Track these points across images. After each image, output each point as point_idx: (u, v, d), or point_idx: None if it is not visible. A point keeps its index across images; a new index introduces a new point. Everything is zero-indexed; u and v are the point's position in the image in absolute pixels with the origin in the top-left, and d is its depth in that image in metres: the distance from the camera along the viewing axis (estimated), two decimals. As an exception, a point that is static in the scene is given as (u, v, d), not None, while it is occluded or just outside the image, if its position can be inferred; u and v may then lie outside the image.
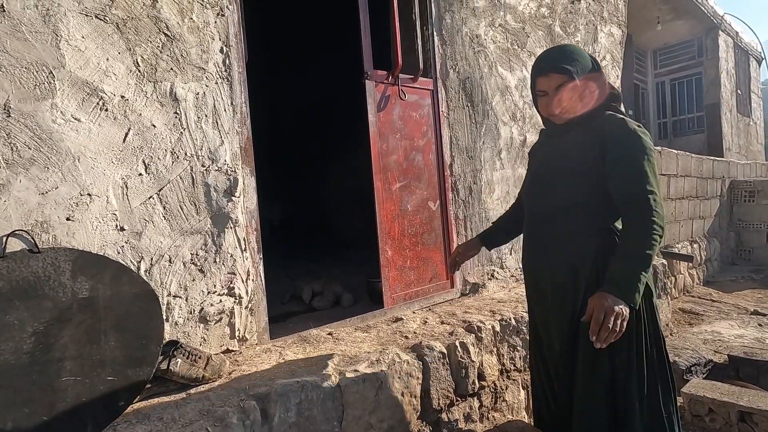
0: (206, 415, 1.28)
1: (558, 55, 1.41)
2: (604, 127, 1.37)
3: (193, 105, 1.70)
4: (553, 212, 1.45)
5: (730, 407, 2.23)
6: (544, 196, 1.48)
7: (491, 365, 2.03)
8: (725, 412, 2.24)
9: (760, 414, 2.13)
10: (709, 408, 2.30)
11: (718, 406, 2.27)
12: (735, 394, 2.29)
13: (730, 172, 6.51)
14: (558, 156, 1.47)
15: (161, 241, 1.60)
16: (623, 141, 1.33)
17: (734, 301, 4.64)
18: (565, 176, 1.42)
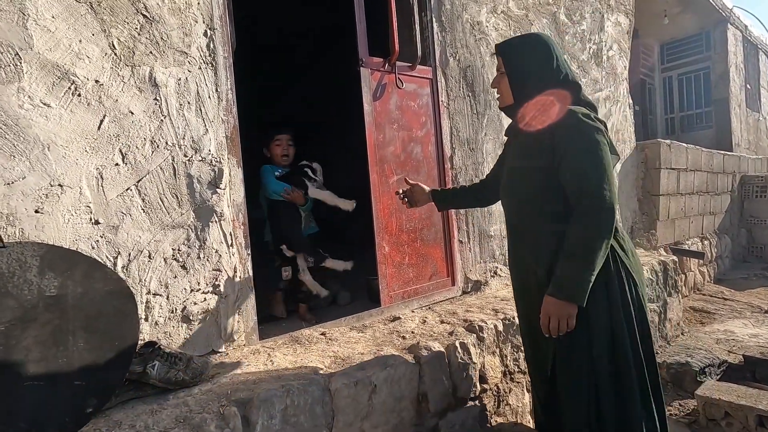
0: (182, 423, 1.18)
1: (510, 39, 1.49)
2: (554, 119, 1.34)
3: (174, 91, 1.60)
4: (517, 213, 1.50)
5: (748, 411, 2.10)
6: (512, 195, 1.51)
7: (494, 367, 1.91)
8: (743, 416, 2.12)
9: (781, 419, 2.01)
10: (725, 412, 2.18)
11: (735, 410, 2.14)
12: (753, 397, 2.16)
13: (741, 167, 6.35)
14: (517, 154, 1.50)
15: (140, 236, 1.51)
16: (569, 133, 1.31)
17: (747, 300, 4.49)
18: (522, 176, 1.44)
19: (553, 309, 1.28)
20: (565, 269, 1.28)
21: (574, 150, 1.30)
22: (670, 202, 4.49)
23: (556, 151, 1.32)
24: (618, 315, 1.33)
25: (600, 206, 1.25)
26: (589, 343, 1.32)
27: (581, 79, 3.47)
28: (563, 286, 1.27)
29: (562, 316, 1.27)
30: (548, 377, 1.44)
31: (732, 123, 8.01)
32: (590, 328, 1.32)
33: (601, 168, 1.27)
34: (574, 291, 1.26)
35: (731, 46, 8.09)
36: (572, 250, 1.27)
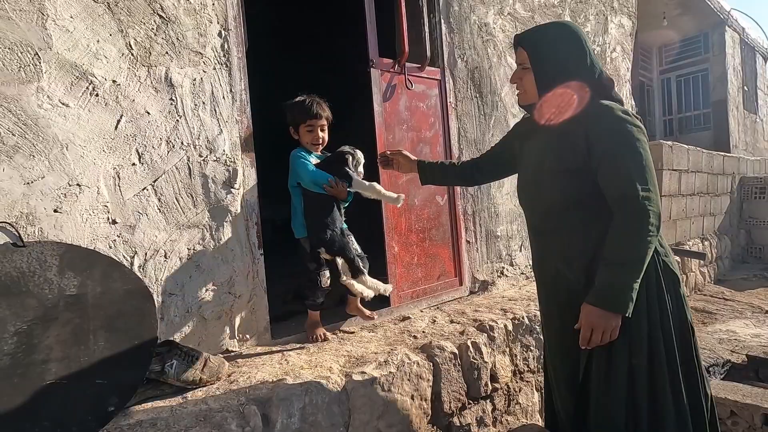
0: (203, 421, 1.18)
1: (534, 30, 1.33)
2: (588, 117, 1.23)
3: (189, 91, 1.60)
4: (544, 217, 1.37)
5: (753, 410, 2.12)
6: (539, 199, 1.38)
7: (504, 366, 1.93)
8: (748, 414, 2.14)
9: (787, 417, 2.03)
10: (731, 411, 2.20)
11: (741, 409, 2.16)
12: (759, 396, 2.18)
13: (740, 169, 6.39)
14: (543, 154, 1.34)
15: (156, 235, 1.51)
16: (608, 132, 1.20)
17: (748, 300, 4.53)
18: (555, 177, 1.30)
19: (597, 320, 1.18)
20: (609, 277, 1.18)
21: (616, 151, 1.19)
22: (671, 203, 4.52)
23: (593, 152, 1.21)
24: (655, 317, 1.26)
25: (646, 211, 1.16)
26: (629, 351, 1.25)
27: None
28: (608, 296, 1.17)
29: (607, 328, 1.17)
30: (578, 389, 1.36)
31: (730, 125, 8.07)
32: (630, 335, 1.23)
33: (645, 170, 1.18)
34: (621, 301, 1.16)
35: (729, 49, 8.14)
36: (617, 257, 1.18)
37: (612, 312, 1.17)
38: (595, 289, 1.20)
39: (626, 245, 1.18)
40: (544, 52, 1.27)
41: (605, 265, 1.19)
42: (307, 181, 1.82)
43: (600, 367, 1.30)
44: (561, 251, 1.34)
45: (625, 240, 1.18)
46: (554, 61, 1.27)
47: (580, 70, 1.25)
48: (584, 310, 1.21)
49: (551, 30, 1.32)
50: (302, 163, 1.83)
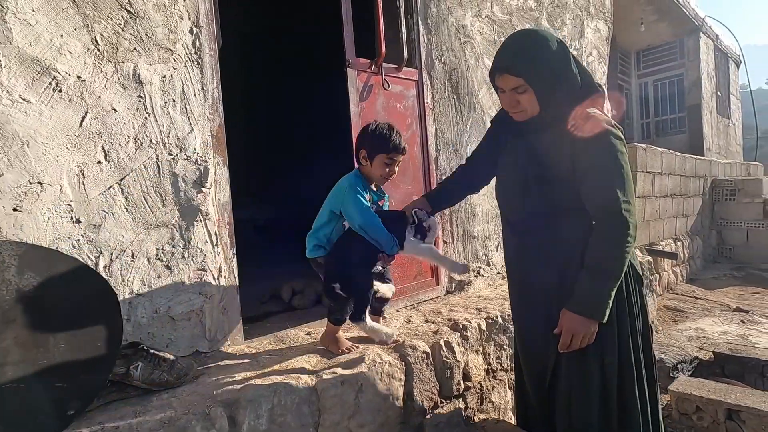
0: (167, 424, 1.16)
1: (516, 55, 1.26)
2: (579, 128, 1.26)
3: (159, 89, 1.57)
4: (531, 218, 1.40)
5: (717, 405, 2.19)
6: (521, 203, 1.41)
7: (477, 365, 1.95)
8: (713, 410, 2.21)
9: (748, 411, 2.10)
10: (696, 406, 2.27)
11: (706, 404, 2.23)
12: (722, 392, 2.26)
13: (712, 171, 6.59)
14: (532, 160, 1.37)
15: (123, 235, 1.48)
16: (593, 145, 1.24)
17: (717, 299, 4.67)
18: (542, 184, 1.34)
19: (578, 327, 1.24)
20: (589, 286, 1.24)
21: (600, 164, 1.24)
22: (645, 205, 4.63)
23: (578, 163, 1.25)
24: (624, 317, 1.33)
25: (626, 224, 1.21)
26: (601, 351, 1.31)
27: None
28: (589, 304, 1.23)
29: (587, 334, 1.24)
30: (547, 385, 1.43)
31: (704, 128, 8.32)
32: (602, 335, 1.28)
33: (626, 183, 1.23)
34: (600, 309, 1.23)
35: (703, 55, 8.39)
36: (597, 267, 1.24)
37: (591, 319, 1.23)
38: (576, 297, 1.25)
39: (606, 256, 1.23)
40: (539, 71, 1.25)
41: (587, 273, 1.24)
42: (357, 224, 1.61)
43: (572, 366, 1.35)
44: (538, 253, 1.38)
45: (605, 250, 1.24)
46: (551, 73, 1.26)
47: (569, 77, 1.27)
48: (565, 316, 1.26)
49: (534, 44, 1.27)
50: (358, 200, 1.61)
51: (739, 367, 2.76)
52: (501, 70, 1.28)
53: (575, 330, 1.24)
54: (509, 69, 1.26)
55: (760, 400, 2.16)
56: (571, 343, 1.25)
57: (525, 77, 1.24)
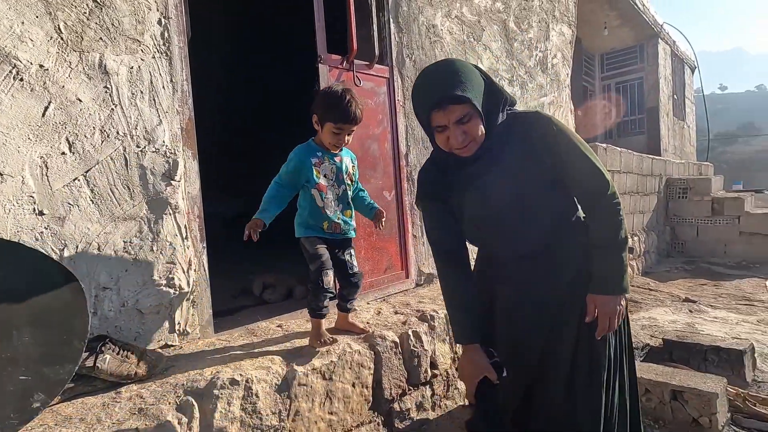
0: (137, 414, 1.17)
1: (451, 81, 1.15)
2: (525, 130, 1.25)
3: (126, 80, 1.56)
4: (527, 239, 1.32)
5: (664, 387, 2.37)
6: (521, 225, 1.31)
7: (444, 353, 2.03)
8: (660, 391, 2.38)
9: (690, 391, 2.28)
10: (645, 388, 2.44)
11: (654, 386, 2.40)
12: (668, 375, 2.44)
13: (667, 171, 6.98)
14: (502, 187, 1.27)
15: (89, 228, 1.46)
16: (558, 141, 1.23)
17: (669, 290, 4.98)
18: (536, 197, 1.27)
19: (611, 307, 1.23)
20: (605, 265, 1.24)
21: (573, 154, 1.23)
22: (605, 201, 4.87)
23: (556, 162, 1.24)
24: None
25: (616, 199, 1.25)
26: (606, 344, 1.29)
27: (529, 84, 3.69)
28: (611, 281, 1.23)
29: (617, 311, 1.24)
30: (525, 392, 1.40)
31: (661, 129, 8.77)
32: None
33: (599, 163, 1.26)
34: (622, 282, 1.24)
35: (661, 59, 8.83)
36: (606, 245, 1.24)
37: (620, 295, 1.23)
38: (597, 279, 1.24)
39: (612, 233, 1.24)
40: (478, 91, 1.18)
41: (599, 253, 1.24)
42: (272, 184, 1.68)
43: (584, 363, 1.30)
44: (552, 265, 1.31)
45: (609, 227, 1.24)
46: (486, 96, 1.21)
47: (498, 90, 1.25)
48: (595, 301, 1.24)
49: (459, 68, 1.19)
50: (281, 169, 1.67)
51: (685, 352, 2.97)
52: (442, 102, 1.15)
53: (609, 311, 1.23)
54: (451, 98, 1.14)
55: (701, 381, 2.34)
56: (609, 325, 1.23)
57: (470, 102, 1.15)
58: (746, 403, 2.43)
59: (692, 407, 2.29)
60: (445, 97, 1.14)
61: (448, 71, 1.18)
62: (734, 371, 2.77)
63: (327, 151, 1.69)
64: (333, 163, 1.71)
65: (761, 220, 6.30)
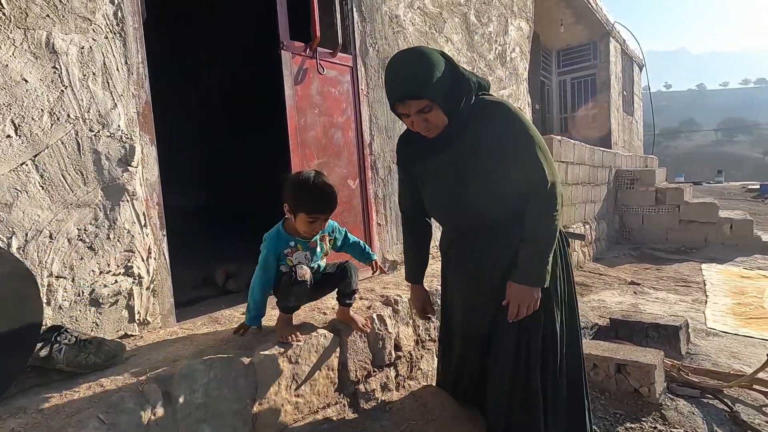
0: (98, 402, 1.15)
1: (411, 79, 1.24)
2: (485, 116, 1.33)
3: (77, 60, 1.49)
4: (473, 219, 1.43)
5: (609, 361, 2.56)
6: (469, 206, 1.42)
7: (407, 336, 2.10)
8: (606, 365, 2.57)
9: (632, 364, 2.48)
10: (593, 363, 2.62)
11: (600, 361, 2.59)
12: (613, 350, 2.64)
13: (616, 163, 7.40)
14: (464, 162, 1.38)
15: (39, 215, 1.40)
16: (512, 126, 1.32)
17: (616, 274, 5.33)
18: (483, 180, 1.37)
19: (524, 296, 1.33)
20: (530, 258, 1.33)
21: (520, 145, 1.31)
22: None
23: (504, 149, 1.31)
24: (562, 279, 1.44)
25: (554, 194, 1.32)
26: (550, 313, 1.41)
27: (488, 77, 3.80)
28: (532, 274, 1.32)
29: (532, 301, 1.34)
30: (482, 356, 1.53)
31: (612, 124, 9.25)
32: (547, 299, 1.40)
33: (547, 156, 1.33)
34: (542, 276, 1.32)
35: (612, 57, 9.28)
36: (534, 239, 1.33)
37: (535, 287, 1.33)
38: (519, 269, 1.34)
39: (542, 226, 1.33)
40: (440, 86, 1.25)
41: (526, 246, 1.34)
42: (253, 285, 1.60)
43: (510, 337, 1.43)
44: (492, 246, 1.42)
45: (540, 222, 1.33)
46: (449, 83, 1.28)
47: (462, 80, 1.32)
48: (511, 288, 1.35)
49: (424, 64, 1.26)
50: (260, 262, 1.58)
51: (629, 329, 3.22)
52: (402, 98, 1.27)
53: (521, 299, 1.33)
54: (410, 95, 1.25)
55: (641, 355, 2.55)
56: (519, 313, 1.35)
57: (428, 97, 1.24)
58: (680, 373, 2.67)
59: (634, 378, 2.49)
60: (404, 96, 1.26)
61: (411, 66, 1.26)
62: (671, 345, 3.03)
63: (300, 239, 1.61)
64: (306, 249, 1.63)
65: (698, 208, 6.83)
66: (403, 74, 1.27)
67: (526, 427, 1.46)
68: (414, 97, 1.25)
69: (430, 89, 1.24)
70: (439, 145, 1.39)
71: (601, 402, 2.46)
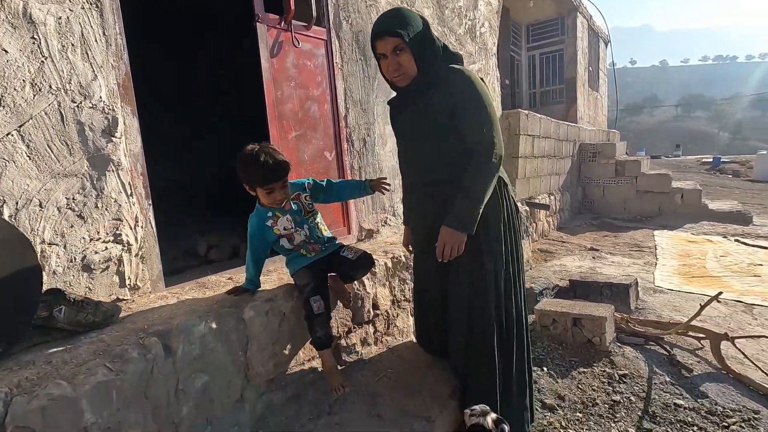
0: (102, 354, 1.25)
1: (391, 19, 1.52)
2: (449, 80, 1.54)
3: (55, 31, 1.50)
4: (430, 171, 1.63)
5: (566, 316, 2.82)
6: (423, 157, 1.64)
7: (384, 296, 2.26)
8: (563, 320, 2.84)
9: (586, 318, 2.76)
10: (552, 319, 2.89)
11: (559, 316, 2.86)
12: (570, 306, 2.91)
13: (580, 136, 7.72)
14: (416, 120, 1.61)
15: (28, 184, 1.44)
16: (465, 90, 1.52)
17: (578, 242, 5.68)
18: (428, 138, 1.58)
19: (450, 238, 1.50)
20: (463, 206, 1.49)
21: (470, 106, 1.49)
22: (526, 164, 5.36)
23: (456, 108, 1.50)
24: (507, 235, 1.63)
25: (492, 153, 1.49)
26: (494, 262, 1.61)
27: (459, 51, 3.90)
28: (461, 220, 1.49)
29: (456, 244, 1.51)
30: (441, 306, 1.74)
31: (578, 99, 9.54)
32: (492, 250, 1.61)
33: (492, 119, 1.50)
34: (470, 224, 1.50)
35: (579, 33, 9.48)
36: (469, 189, 1.49)
37: (461, 232, 1.51)
38: (453, 216, 1.52)
39: (476, 182, 1.50)
40: (413, 32, 1.49)
41: (463, 196, 1.51)
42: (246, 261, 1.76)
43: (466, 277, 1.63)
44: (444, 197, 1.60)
45: (476, 178, 1.50)
46: (422, 36, 1.52)
47: (435, 44, 1.55)
48: (443, 231, 1.54)
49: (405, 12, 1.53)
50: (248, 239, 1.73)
51: (585, 289, 3.51)
52: (380, 33, 1.52)
53: (447, 240, 1.51)
54: (388, 30, 1.50)
55: (594, 309, 2.83)
56: (444, 253, 1.52)
57: (402, 35, 1.48)
58: (628, 324, 2.97)
59: (587, 330, 2.77)
60: (382, 30, 1.52)
61: (394, 12, 1.55)
62: (622, 302, 3.34)
63: (275, 207, 1.70)
64: (285, 213, 1.72)
65: (653, 180, 7.27)
66: (385, 16, 1.55)
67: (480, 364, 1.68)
68: (390, 33, 1.49)
69: (405, 30, 1.49)
70: (407, 102, 1.62)
71: (558, 352, 2.74)
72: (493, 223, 1.63)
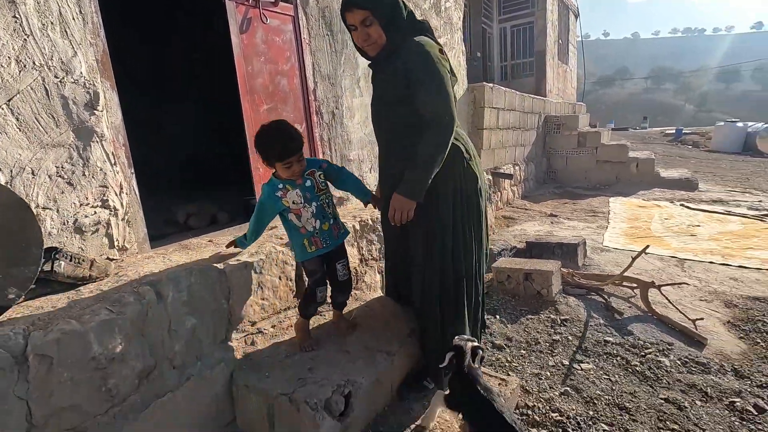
0: (103, 300, 1.45)
1: None
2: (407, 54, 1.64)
3: (34, 9, 1.61)
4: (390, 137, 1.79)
5: (519, 272, 3.15)
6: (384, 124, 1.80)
7: (353, 255, 2.51)
8: (516, 275, 3.17)
9: (536, 272, 3.09)
10: (507, 275, 3.21)
11: (512, 272, 3.19)
12: (523, 264, 3.24)
13: (546, 109, 8.02)
14: (382, 88, 1.71)
15: (20, 154, 1.59)
16: (419, 61, 1.61)
17: (540, 209, 6.06)
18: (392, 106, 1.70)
19: (400, 204, 1.63)
20: (414, 175, 1.61)
21: (423, 76, 1.57)
22: (491, 135, 5.62)
23: (410, 78, 1.59)
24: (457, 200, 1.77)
25: (444, 127, 1.58)
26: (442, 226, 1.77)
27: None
28: (410, 188, 1.62)
29: (405, 210, 1.65)
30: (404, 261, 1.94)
31: (547, 72, 9.77)
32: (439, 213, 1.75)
33: (446, 94, 1.59)
34: (418, 192, 1.62)
35: (549, 5, 9.61)
36: (421, 160, 1.60)
37: (409, 198, 1.66)
38: (405, 183, 1.66)
39: (427, 152, 1.62)
40: (381, 4, 1.59)
41: (412, 165, 1.65)
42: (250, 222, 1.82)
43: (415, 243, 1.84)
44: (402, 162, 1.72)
45: (427, 148, 1.62)
46: (389, 6, 1.61)
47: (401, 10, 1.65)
48: (393, 197, 1.70)
49: None
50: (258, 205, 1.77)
51: (539, 249, 3.86)
52: (349, 5, 1.61)
53: (400, 207, 1.65)
54: (356, 3, 1.59)
55: (544, 266, 3.16)
56: (395, 217, 1.67)
57: (370, 8, 1.58)
58: (573, 278, 3.33)
59: (537, 284, 3.11)
60: (351, 3, 1.60)
61: None
62: (570, 259, 3.71)
63: (288, 180, 1.75)
64: (295, 187, 1.75)
65: (612, 150, 7.69)
66: None
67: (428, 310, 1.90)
68: (358, 5, 1.58)
69: (371, 2, 1.57)
70: (377, 70, 1.75)
71: (511, 303, 3.08)
72: (443, 191, 1.75)
